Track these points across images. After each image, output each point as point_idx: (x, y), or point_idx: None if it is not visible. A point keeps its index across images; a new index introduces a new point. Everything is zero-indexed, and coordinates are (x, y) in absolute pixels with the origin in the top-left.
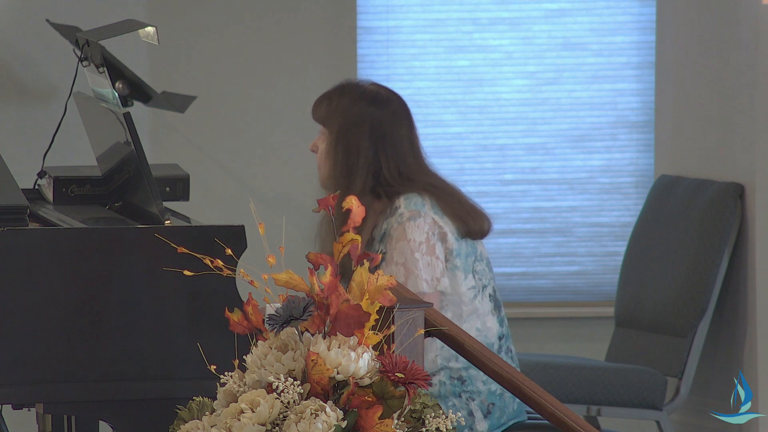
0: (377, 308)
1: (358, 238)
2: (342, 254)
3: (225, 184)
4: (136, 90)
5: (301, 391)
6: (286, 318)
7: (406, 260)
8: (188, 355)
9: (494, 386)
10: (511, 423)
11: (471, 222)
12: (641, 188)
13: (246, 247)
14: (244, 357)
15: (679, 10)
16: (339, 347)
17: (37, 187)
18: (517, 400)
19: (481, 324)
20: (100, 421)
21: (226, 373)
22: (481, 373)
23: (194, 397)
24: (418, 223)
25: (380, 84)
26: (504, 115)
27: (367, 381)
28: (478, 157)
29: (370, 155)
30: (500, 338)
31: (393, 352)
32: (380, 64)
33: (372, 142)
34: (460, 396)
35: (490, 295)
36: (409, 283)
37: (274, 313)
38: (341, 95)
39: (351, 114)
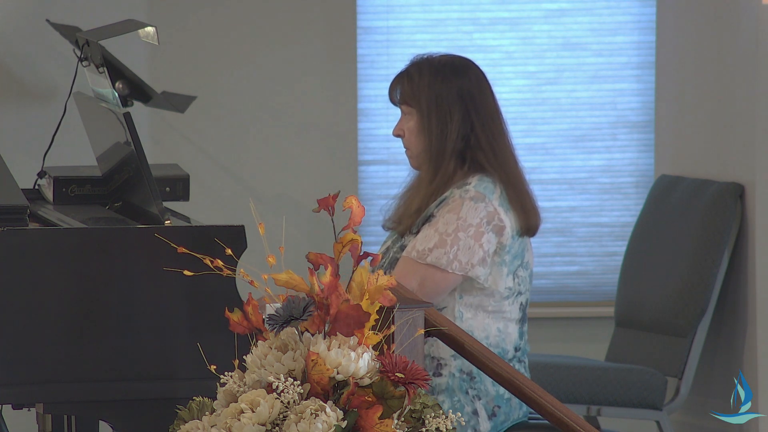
0: (377, 308)
1: (358, 238)
2: (342, 254)
3: (225, 184)
4: (136, 90)
5: (301, 391)
6: (286, 318)
7: (446, 232)
8: (188, 355)
9: (503, 389)
10: (510, 424)
11: (530, 218)
12: (641, 188)
13: (246, 247)
14: (244, 357)
15: (679, 10)
16: (339, 347)
17: (37, 187)
18: (525, 407)
19: (503, 327)
20: (100, 421)
21: (226, 373)
22: None
23: (194, 397)
24: (478, 207)
25: (446, 53)
26: (504, 115)
27: (367, 381)
28: None
29: (460, 119)
30: (516, 349)
31: (393, 352)
32: (380, 64)
33: (462, 107)
34: (467, 393)
35: (521, 305)
36: (435, 253)
37: (274, 313)
38: (420, 71)
39: (436, 86)
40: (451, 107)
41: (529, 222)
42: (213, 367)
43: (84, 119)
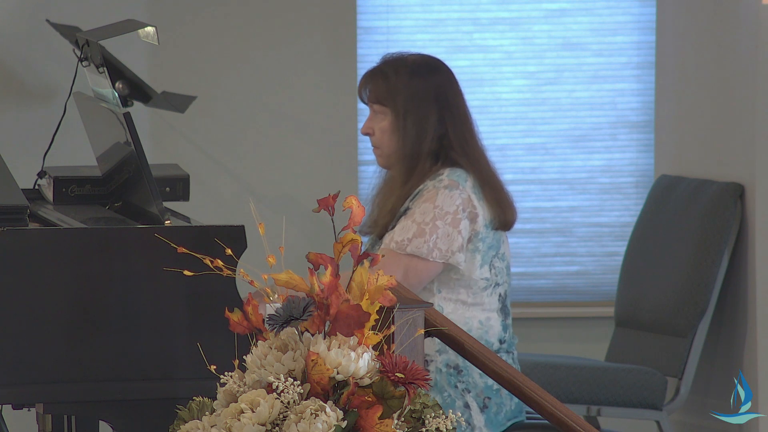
0: (377, 308)
1: (358, 238)
2: (342, 254)
3: (225, 184)
4: (136, 90)
5: (301, 391)
6: (286, 318)
7: (424, 221)
8: (188, 355)
9: (491, 381)
10: (509, 424)
11: (506, 212)
12: (641, 188)
13: (246, 247)
14: (244, 357)
15: (679, 10)
16: (339, 347)
17: (37, 187)
18: (515, 398)
19: (485, 319)
20: (100, 421)
21: (226, 373)
22: None
23: (194, 397)
24: (453, 194)
25: (417, 52)
26: (504, 115)
27: (367, 381)
28: None
29: (435, 120)
30: (501, 341)
31: (393, 352)
32: None
33: (438, 108)
34: (456, 387)
35: (500, 296)
36: (414, 243)
37: (274, 313)
38: (396, 71)
39: (413, 86)
40: (428, 108)
41: (505, 217)
42: (213, 367)
43: (84, 119)
